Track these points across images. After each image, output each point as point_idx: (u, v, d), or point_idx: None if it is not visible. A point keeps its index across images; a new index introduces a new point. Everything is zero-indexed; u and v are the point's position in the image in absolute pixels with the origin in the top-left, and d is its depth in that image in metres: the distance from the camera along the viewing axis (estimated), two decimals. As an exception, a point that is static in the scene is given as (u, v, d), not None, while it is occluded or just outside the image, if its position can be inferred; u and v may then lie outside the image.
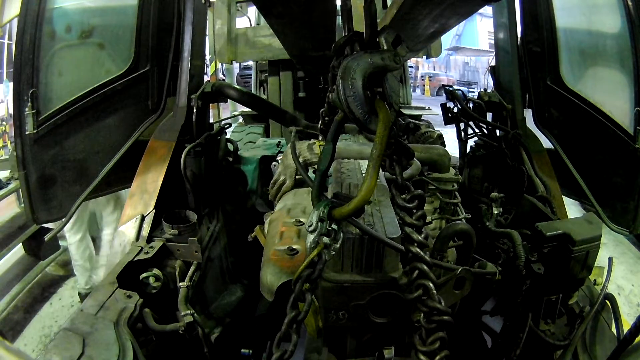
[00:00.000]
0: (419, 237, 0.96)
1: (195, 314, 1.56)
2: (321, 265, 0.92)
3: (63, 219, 2.10)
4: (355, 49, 1.05)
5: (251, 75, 5.94)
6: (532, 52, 2.41)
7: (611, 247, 4.57)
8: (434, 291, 0.94)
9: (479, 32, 24.64)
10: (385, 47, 1.00)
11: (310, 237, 0.92)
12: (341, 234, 0.95)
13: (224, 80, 9.10)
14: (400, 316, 1.18)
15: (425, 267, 0.95)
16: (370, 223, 1.20)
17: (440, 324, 0.94)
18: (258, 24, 5.14)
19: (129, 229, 1.82)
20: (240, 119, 4.85)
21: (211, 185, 2.18)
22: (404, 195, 1.00)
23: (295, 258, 1.34)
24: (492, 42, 2.73)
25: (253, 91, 5.33)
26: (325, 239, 0.91)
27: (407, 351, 1.20)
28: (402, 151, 1.02)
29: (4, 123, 8.45)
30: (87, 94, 2.07)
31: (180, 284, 1.67)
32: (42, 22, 1.85)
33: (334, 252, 0.93)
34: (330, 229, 0.92)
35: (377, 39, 1.02)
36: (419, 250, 0.96)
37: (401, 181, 1.00)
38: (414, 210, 0.98)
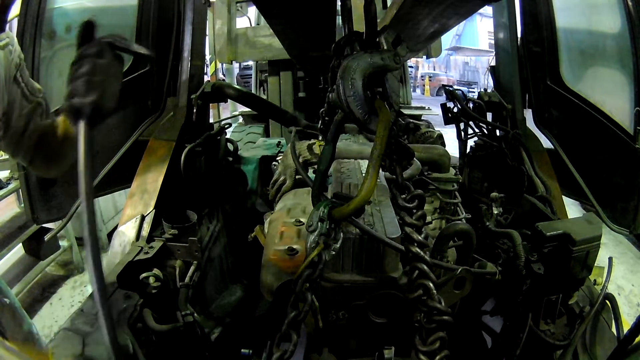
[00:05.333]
0: (419, 237, 0.96)
1: (195, 314, 1.56)
2: (321, 265, 0.92)
3: (63, 219, 2.10)
4: (355, 49, 1.05)
5: (251, 75, 5.94)
6: (532, 52, 2.41)
7: (611, 247, 4.57)
8: (434, 291, 0.94)
9: (479, 32, 24.66)
10: (385, 47, 1.01)
11: (310, 237, 0.92)
12: (341, 234, 0.95)
13: (224, 80, 9.10)
14: (400, 316, 1.18)
15: (425, 267, 0.95)
16: (370, 223, 1.20)
17: (440, 324, 0.94)
18: (258, 24, 5.14)
19: (129, 229, 1.82)
20: (240, 119, 4.85)
21: (211, 185, 2.18)
22: (404, 195, 1.00)
23: (295, 258, 1.34)
24: (492, 42, 2.73)
25: (253, 91, 5.33)
26: (325, 239, 0.91)
27: (407, 351, 1.19)
28: (402, 151, 1.02)
29: (4, 123, 8.42)
30: (87, 94, 2.07)
31: (180, 284, 1.67)
32: (42, 22, 1.85)
33: (334, 252, 0.93)
34: (330, 229, 0.92)
35: (377, 39, 1.03)
36: (419, 250, 0.95)
37: (401, 181, 1.00)
38: (414, 210, 0.98)
